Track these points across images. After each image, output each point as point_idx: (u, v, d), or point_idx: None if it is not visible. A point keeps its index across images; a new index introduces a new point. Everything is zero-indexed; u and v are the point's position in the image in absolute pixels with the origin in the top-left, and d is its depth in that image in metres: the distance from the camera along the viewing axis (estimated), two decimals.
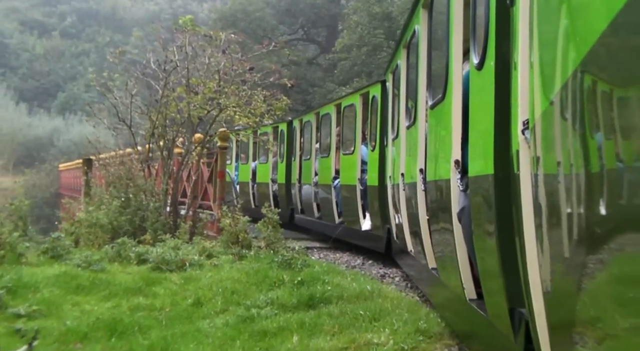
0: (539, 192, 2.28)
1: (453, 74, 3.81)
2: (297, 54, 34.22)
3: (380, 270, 8.04)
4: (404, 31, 6.43)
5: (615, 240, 1.60)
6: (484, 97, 3.00)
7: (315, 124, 11.53)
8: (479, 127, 3.12)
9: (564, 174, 2.03)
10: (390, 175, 7.22)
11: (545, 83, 2.15)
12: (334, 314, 4.68)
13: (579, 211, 1.81)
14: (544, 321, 2.31)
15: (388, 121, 7.57)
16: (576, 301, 1.97)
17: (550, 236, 2.17)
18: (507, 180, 2.67)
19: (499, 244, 2.76)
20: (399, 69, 6.66)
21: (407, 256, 6.30)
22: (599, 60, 1.63)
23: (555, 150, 2.11)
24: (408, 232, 5.97)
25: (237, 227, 7.88)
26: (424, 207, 4.98)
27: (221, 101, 9.04)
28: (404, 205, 6.08)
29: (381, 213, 7.95)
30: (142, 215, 9.00)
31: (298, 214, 12.06)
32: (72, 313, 4.99)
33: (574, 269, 1.96)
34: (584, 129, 1.72)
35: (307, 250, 9.21)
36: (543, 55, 2.25)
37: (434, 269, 4.80)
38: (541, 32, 2.27)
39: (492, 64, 2.83)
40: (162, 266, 6.45)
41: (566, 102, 1.90)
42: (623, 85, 1.49)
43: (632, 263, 1.49)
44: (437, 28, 4.71)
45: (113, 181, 9.85)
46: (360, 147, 9.06)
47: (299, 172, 12.06)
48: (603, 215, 1.63)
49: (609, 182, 1.59)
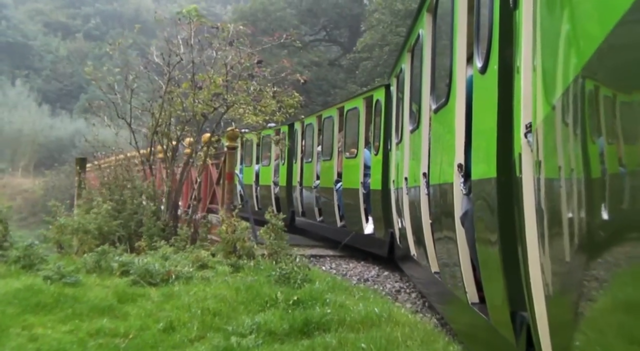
0: (541, 196, 2.28)
1: (457, 78, 3.82)
2: (318, 55, 33.52)
3: (395, 284, 7.37)
4: (408, 35, 6.45)
5: (617, 244, 1.60)
6: (487, 100, 3.01)
7: (318, 127, 11.54)
8: (482, 130, 3.13)
9: (565, 178, 2.03)
10: (394, 179, 7.22)
11: (548, 87, 2.16)
12: (331, 346, 3.94)
13: (581, 215, 1.81)
14: (546, 324, 2.31)
15: (392, 125, 7.58)
16: (577, 305, 1.98)
17: (552, 240, 2.17)
18: (510, 183, 2.67)
19: (501, 247, 2.77)
20: (403, 73, 6.68)
21: (410, 260, 6.31)
22: (600, 65, 1.64)
23: (557, 154, 2.12)
24: (411, 236, 5.97)
25: (234, 235, 7.12)
26: (427, 211, 4.99)
27: (227, 97, 8.37)
28: (407, 209, 6.08)
29: (384, 217, 7.95)
30: (138, 220, 8.39)
31: (299, 217, 12.07)
32: (17, 340, 4.20)
33: (575, 273, 1.96)
34: (586, 134, 1.73)
35: (318, 259, 8.85)
36: (546, 59, 2.26)
37: (437, 273, 4.80)
38: (544, 37, 2.28)
39: (496, 68, 2.84)
40: (143, 280, 5.60)
41: (568, 107, 1.91)
42: (624, 90, 1.50)
43: (634, 267, 1.49)
44: (441, 32, 4.73)
45: (108, 182, 9.24)
46: (363, 151, 9.07)
47: (300, 175, 12.09)
48: (604, 219, 1.63)
49: (611, 186, 1.60)
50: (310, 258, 8.65)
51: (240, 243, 7.02)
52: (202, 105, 8.54)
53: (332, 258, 9.36)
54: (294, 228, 12.10)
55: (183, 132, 9.23)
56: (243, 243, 7.03)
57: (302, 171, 12.03)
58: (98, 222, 7.92)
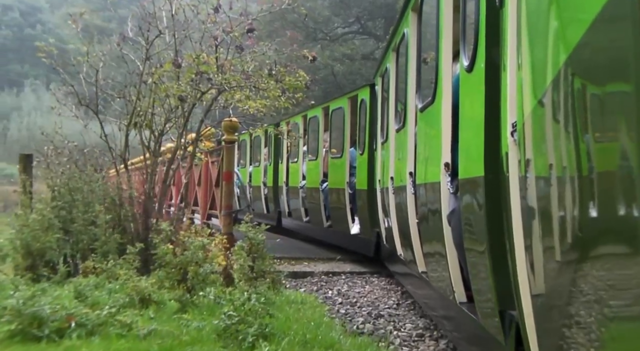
0: (528, 194, 2.28)
1: (443, 76, 3.81)
2: (352, 48, 31.84)
3: (419, 321, 5.34)
4: (393, 34, 6.45)
5: (605, 242, 1.60)
6: (474, 99, 3.00)
7: (303, 127, 11.53)
8: (469, 129, 3.12)
9: (551, 176, 2.03)
10: (380, 179, 7.21)
11: (533, 85, 2.15)
12: None
13: (567, 213, 1.80)
14: (533, 323, 2.31)
15: (377, 124, 7.57)
16: (565, 303, 1.97)
17: (539, 238, 2.17)
18: (497, 182, 2.67)
19: (489, 247, 2.76)
20: (389, 72, 6.67)
21: (396, 260, 6.30)
22: (580, 61, 1.64)
23: (543, 152, 2.12)
24: (397, 236, 5.96)
25: (182, 256, 5.19)
26: (414, 211, 4.98)
27: (215, 77, 6.76)
28: (393, 209, 6.07)
29: (370, 217, 7.95)
30: (94, 233, 6.60)
31: (285, 217, 12.05)
32: None
33: (562, 271, 1.96)
34: (571, 131, 1.73)
35: (331, 277, 7.72)
36: (530, 56, 2.26)
37: (424, 273, 4.79)
38: (529, 34, 2.28)
39: (483, 66, 2.83)
40: (30, 328, 3.86)
41: (552, 104, 1.91)
42: (604, 85, 1.51)
43: (621, 265, 1.49)
44: (426, 31, 4.72)
45: (56, 185, 7.30)
46: (348, 151, 9.07)
47: (286, 175, 12.06)
48: (592, 217, 1.63)
49: (598, 184, 1.59)
50: (322, 276, 7.69)
51: (194, 268, 5.14)
52: (183, 87, 7.02)
53: (348, 276, 7.84)
54: (280, 229, 12.06)
55: (167, 122, 7.61)
56: (196, 268, 5.14)
57: (287, 171, 12.00)
58: (24, 237, 6.10)
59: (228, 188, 7.60)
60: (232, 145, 7.81)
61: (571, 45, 1.68)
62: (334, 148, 9.81)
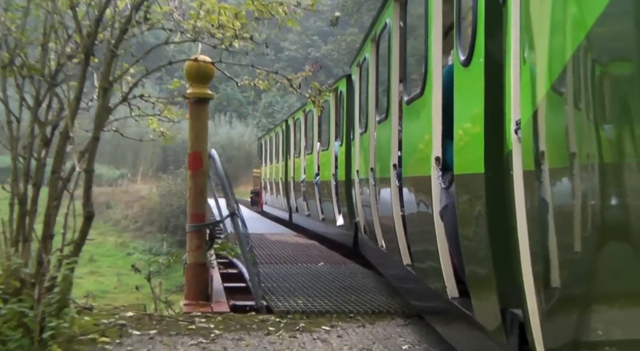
0: (533, 191, 2.24)
1: (432, 69, 3.74)
2: None
3: None
4: (373, 24, 6.36)
5: (611, 238, 1.58)
6: (471, 94, 2.94)
7: (304, 121, 11.68)
8: (466, 124, 3.07)
9: (557, 173, 1.99)
10: (358, 170, 7.16)
11: (545, 76, 2.10)
12: None
13: (586, 207, 1.77)
14: (539, 321, 2.28)
15: (354, 114, 7.51)
16: (571, 301, 1.95)
17: (547, 236, 2.13)
18: (500, 179, 2.62)
19: (490, 244, 2.72)
20: (367, 63, 6.59)
21: (377, 251, 6.26)
22: (587, 56, 1.62)
23: (548, 148, 2.08)
24: (379, 228, 5.92)
25: None
26: (398, 203, 4.93)
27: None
28: (374, 201, 6.02)
29: (349, 208, 7.92)
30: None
31: (294, 213, 12.35)
32: None
33: (572, 269, 1.93)
34: (589, 120, 1.69)
35: None
36: (535, 52, 2.20)
37: (409, 265, 4.76)
38: (535, 27, 2.23)
39: (482, 61, 2.77)
40: None
41: (566, 95, 1.88)
42: (610, 80, 1.49)
43: (626, 261, 1.46)
44: (412, 21, 4.65)
45: None
46: (334, 143, 9.12)
47: (293, 170, 12.36)
48: (598, 213, 1.61)
49: (602, 180, 1.57)
50: None
51: None
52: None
53: None
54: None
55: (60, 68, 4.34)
56: None
57: (294, 166, 12.28)
58: None
59: (198, 183, 5.04)
60: (205, 105, 5.33)
61: (577, 41, 1.66)
62: (322, 141, 10.02)
